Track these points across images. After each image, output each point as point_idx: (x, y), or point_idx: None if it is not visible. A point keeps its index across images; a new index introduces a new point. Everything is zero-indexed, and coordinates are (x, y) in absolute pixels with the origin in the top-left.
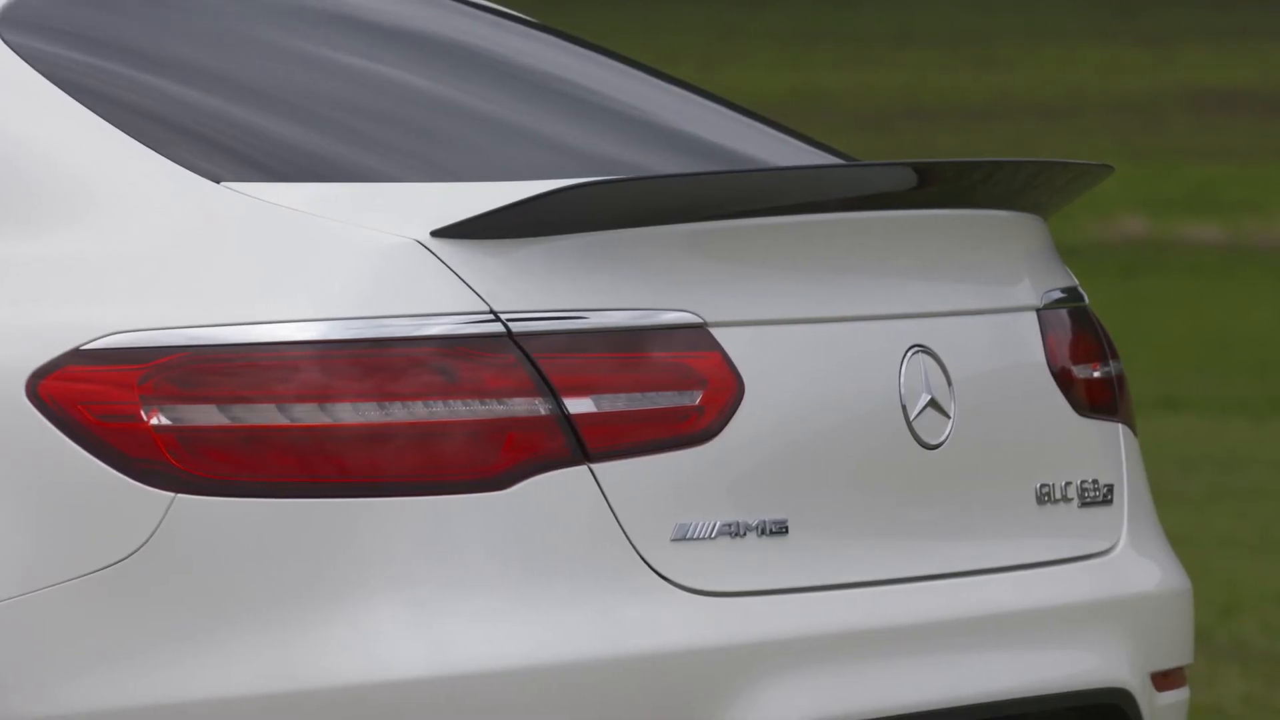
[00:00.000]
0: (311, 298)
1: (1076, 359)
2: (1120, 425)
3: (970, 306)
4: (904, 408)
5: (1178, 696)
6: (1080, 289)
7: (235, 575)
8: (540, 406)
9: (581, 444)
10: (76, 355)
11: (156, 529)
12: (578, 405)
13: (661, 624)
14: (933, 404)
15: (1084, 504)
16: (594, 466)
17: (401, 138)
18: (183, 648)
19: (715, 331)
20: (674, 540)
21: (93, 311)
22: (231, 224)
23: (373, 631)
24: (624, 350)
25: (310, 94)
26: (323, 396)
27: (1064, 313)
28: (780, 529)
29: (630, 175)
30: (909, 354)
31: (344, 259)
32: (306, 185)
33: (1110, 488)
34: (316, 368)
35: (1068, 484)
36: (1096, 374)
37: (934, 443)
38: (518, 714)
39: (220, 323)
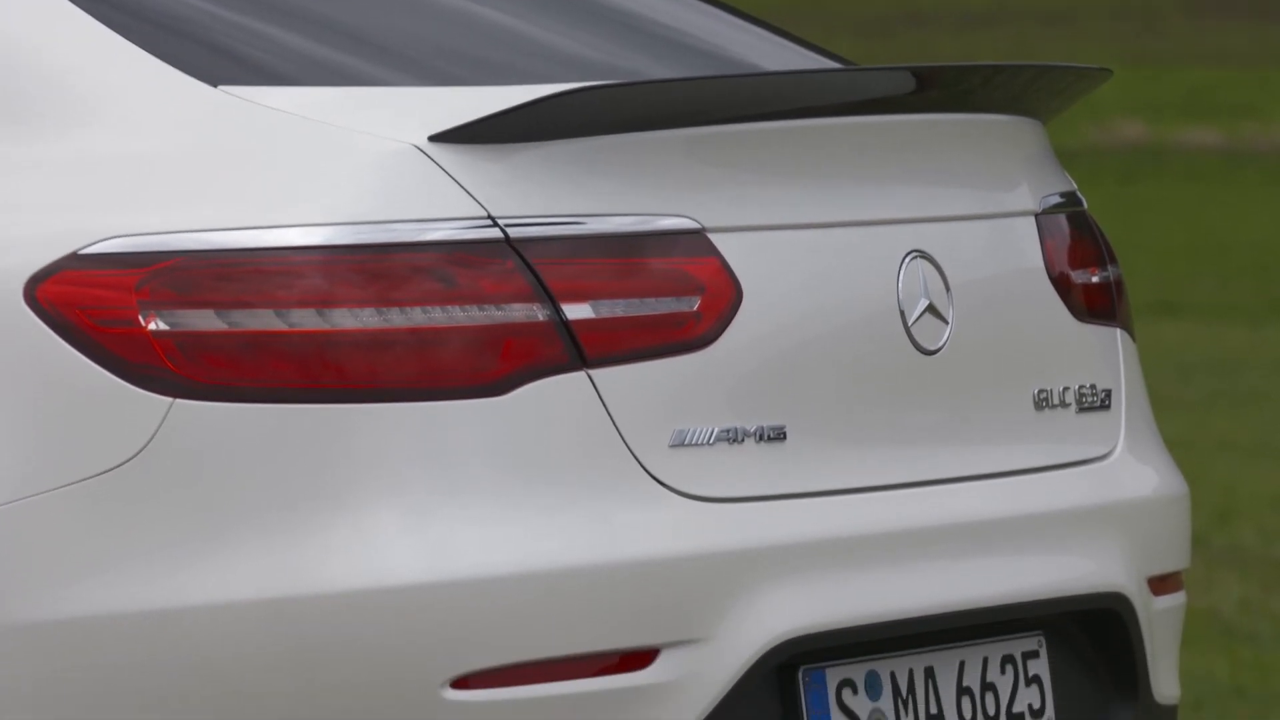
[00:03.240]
0: (308, 203)
1: (1075, 264)
2: (1118, 330)
3: (968, 211)
4: (902, 313)
5: (1174, 601)
6: (1079, 193)
7: (234, 481)
8: (538, 312)
9: (579, 350)
10: (74, 260)
11: (155, 434)
12: (575, 311)
13: (659, 530)
14: (931, 309)
15: (1082, 409)
16: (592, 372)
17: (398, 41)
18: (183, 553)
19: (713, 237)
20: (672, 446)
21: (90, 216)
22: (229, 128)
23: (372, 537)
24: (622, 256)
25: None
26: (320, 302)
27: (1062, 217)
28: (778, 435)
29: (629, 80)
30: (907, 259)
31: (341, 164)
32: (302, 89)
33: (1108, 393)
34: (314, 273)
35: (1065, 389)
36: (1095, 279)
37: (932, 348)
38: (515, 619)
39: (218, 227)
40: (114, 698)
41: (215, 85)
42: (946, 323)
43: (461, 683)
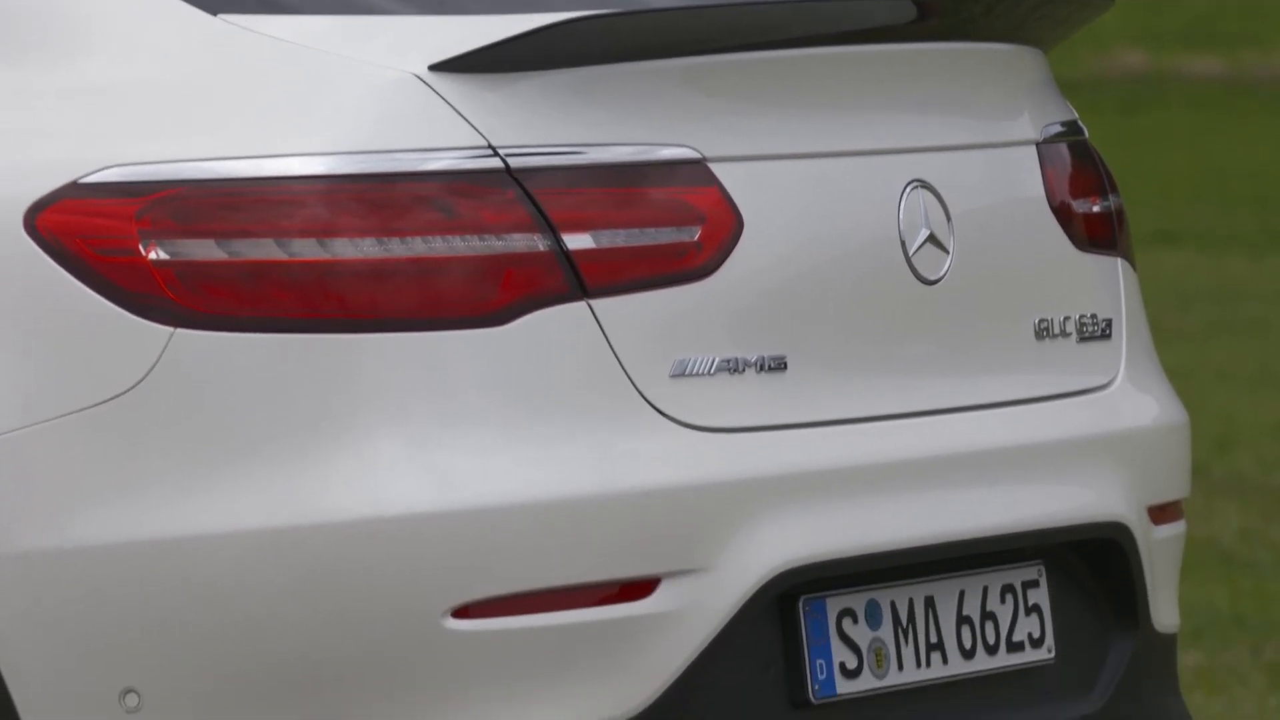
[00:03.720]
0: (308, 132)
1: (1076, 193)
2: (1119, 260)
3: (969, 140)
4: (903, 243)
5: (1174, 530)
6: (1080, 122)
7: (236, 410)
8: (539, 242)
9: (580, 280)
10: (74, 189)
11: (156, 364)
12: (576, 241)
13: (659, 460)
14: (931, 239)
15: (1082, 339)
16: (592, 302)
17: None
18: (185, 482)
19: (714, 167)
20: (672, 376)
21: (90, 145)
22: (229, 57)
23: (373, 466)
24: (622, 186)
25: None
26: (321, 232)
27: (1063, 146)
28: (778, 365)
29: (629, 9)
30: (908, 189)
31: (342, 94)
32: (302, 17)
33: (1108, 322)
34: (315, 203)
35: (1066, 319)
36: (1096, 208)
37: (932, 278)
38: (516, 549)
39: (218, 156)
40: (117, 625)
41: (215, 14)
42: (947, 252)
43: (462, 612)
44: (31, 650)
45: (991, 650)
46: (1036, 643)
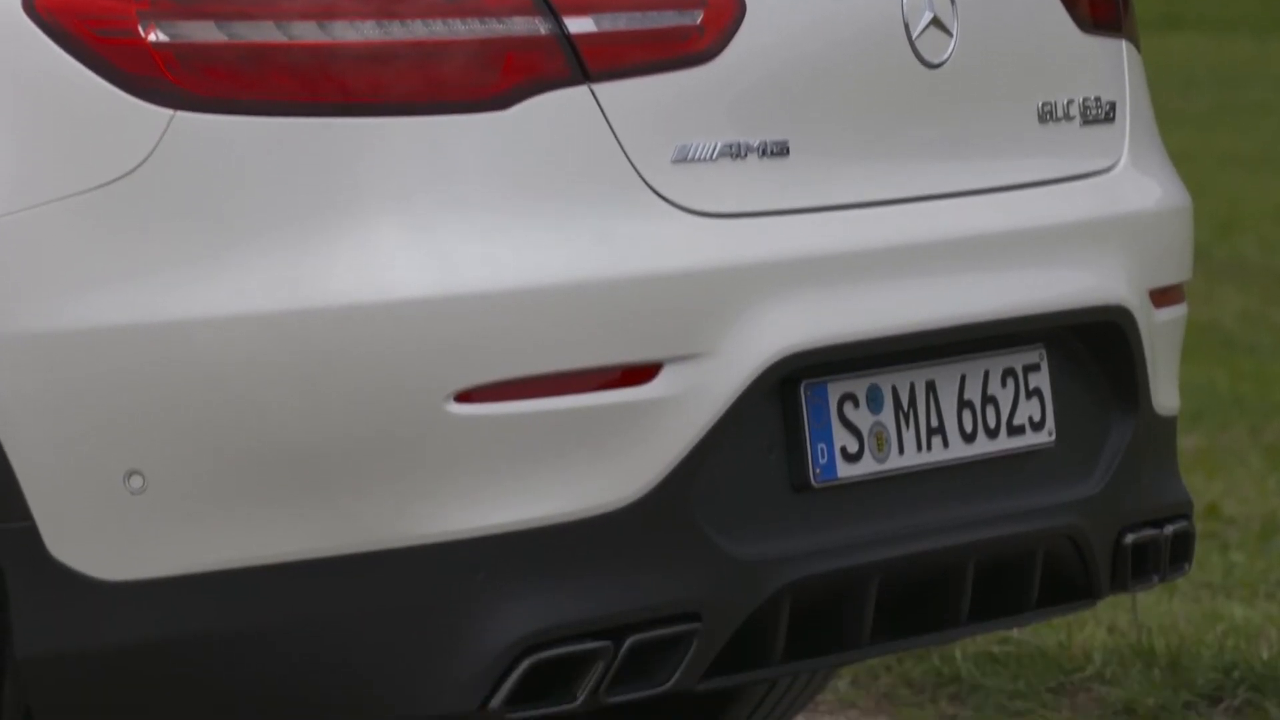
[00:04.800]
0: None
1: None
2: (1124, 42)
3: None
4: (906, 26)
5: (1176, 313)
6: None
7: (237, 195)
8: (540, 26)
9: (581, 64)
10: None
11: (156, 146)
12: (577, 24)
13: (661, 244)
14: (935, 22)
15: (1086, 122)
16: (594, 87)
17: None
18: (188, 266)
19: None
20: (674, 161)
21: None
22: None
23: (375, 251)
24: None
25: None
26: (321, 14)
27: None
28: (780, 150)
29: None
30: None
31: None
32: None
33: (1113, 105)
34: None
35: (1070, 101)
36: None
37: (936, 61)
38: (518, 333)
39: None
40: (121, 408)
41: None
42: (951, 35)
43: (465, 396)
44: (36, 432)
45: (992, 434)
46: (1037, 426)
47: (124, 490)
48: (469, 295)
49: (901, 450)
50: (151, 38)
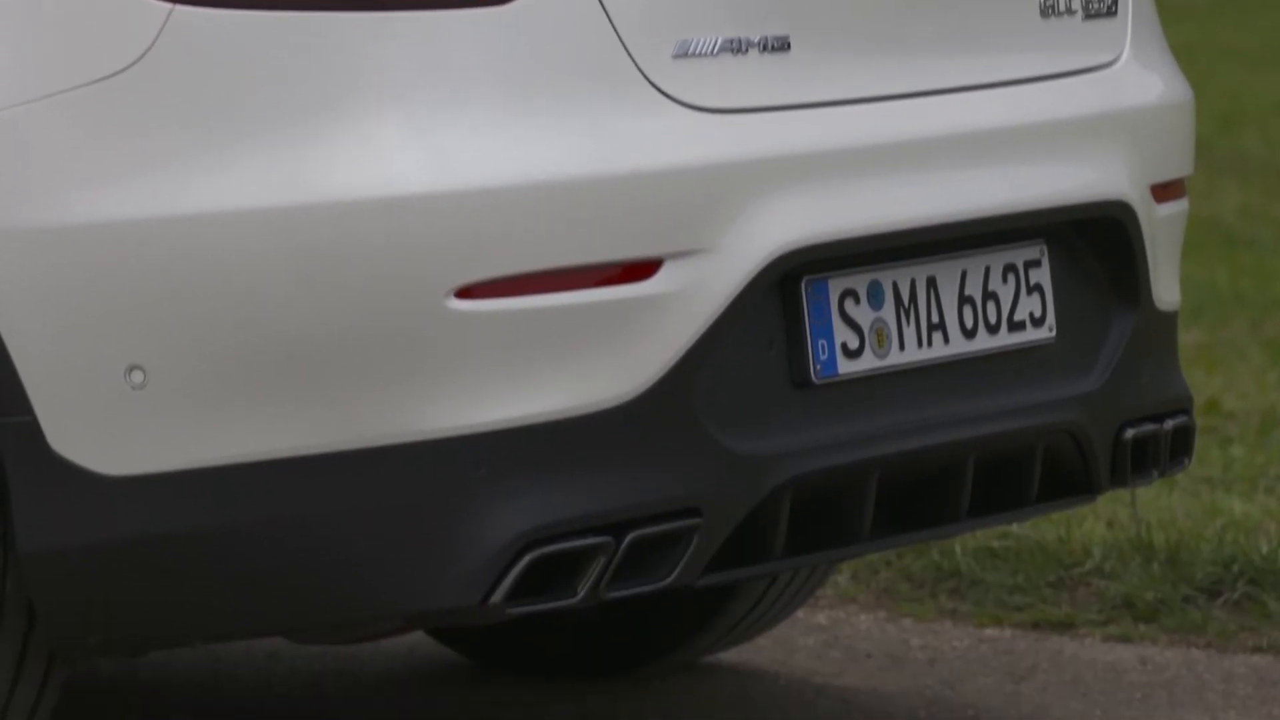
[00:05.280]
0: None
1: None
2: None
3: None
4: None
5: (1177, 208)
6: None
7: (237, 90)
8: None
9: None
10: None
11: (155, 41)
12: None
13: (662, 140)
14: None
15: (1088, 16)
16: None
17: None
18: (187, 161)
19: None
20: (675, 57)
21: None
22: None
23: (375, 147)
24: None
25: None
26: None
27: None
28: (782, 45)
29: None
30: None
31: None
32: None
33: (1115, 0)
34: None
35: None
36: None
37: None
38: (518, 229)
39: None
40: (122, 302)
41: None
42: None
43: (465, 292)
44: (37, 327)
45: (993, 329)
46: (1038, 322)
47: (125, 385)
48: (469, 191)
49: (902, 346)
50: None
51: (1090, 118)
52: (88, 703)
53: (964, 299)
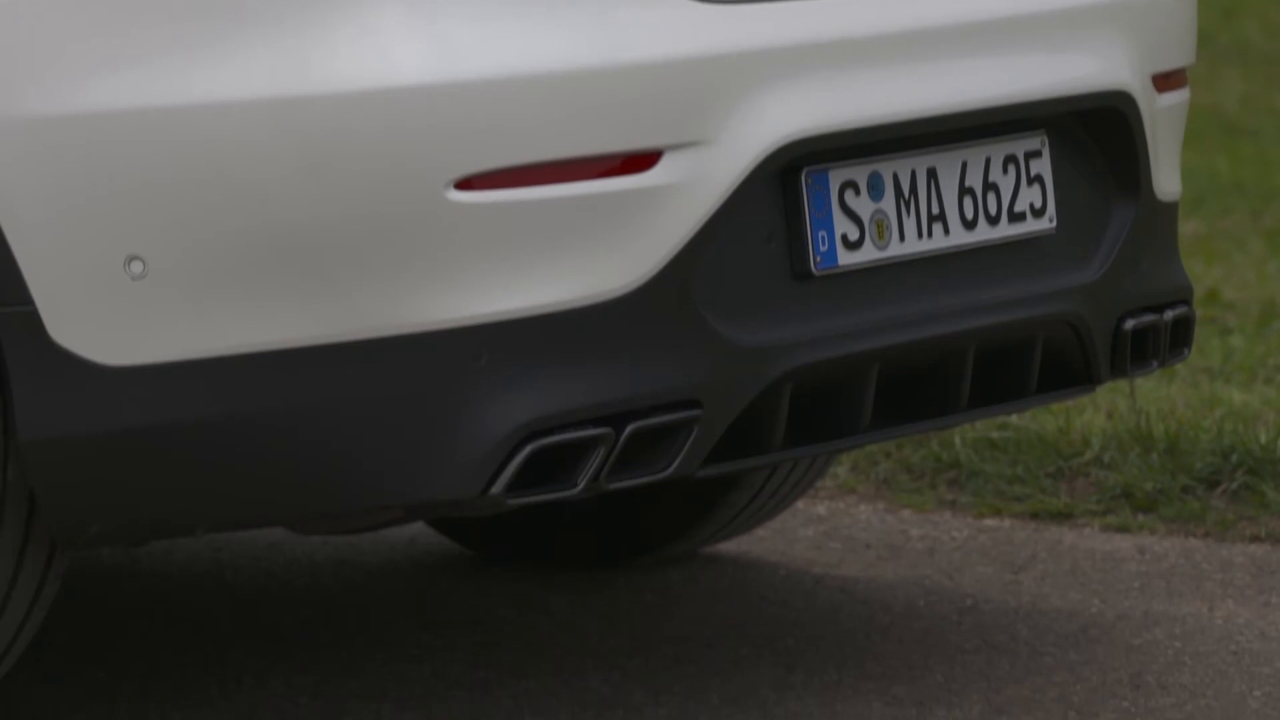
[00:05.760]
0: None
1: None
2: None
3: None
4: None
5: (1178, 98)
6: None
7: None
8: None
9: None
10: None
11: None
12: None
13: (662, 31)
14: None
15: None
16: None
17: None
18: (190, 52)
19: None
20: None
21: None
22: None
23: (375, 37)
24: None
25: None
26: None
27: None
28: None
29: None
30: None
31: None
32: None
33: None
34: None
35: None
36: None
37: None
38: (519, 120)
39: None
40: (122, 192)
41: None
42: None
43: (465, 184)
44: (36, 217)
45: (993, 220)
46: (1038, 212)
47: (124, 275)
48: (470, 82)
49: (902, 238)
50: None
51: (1091, 7)
52: (88, 594)
53: (964, 190)
